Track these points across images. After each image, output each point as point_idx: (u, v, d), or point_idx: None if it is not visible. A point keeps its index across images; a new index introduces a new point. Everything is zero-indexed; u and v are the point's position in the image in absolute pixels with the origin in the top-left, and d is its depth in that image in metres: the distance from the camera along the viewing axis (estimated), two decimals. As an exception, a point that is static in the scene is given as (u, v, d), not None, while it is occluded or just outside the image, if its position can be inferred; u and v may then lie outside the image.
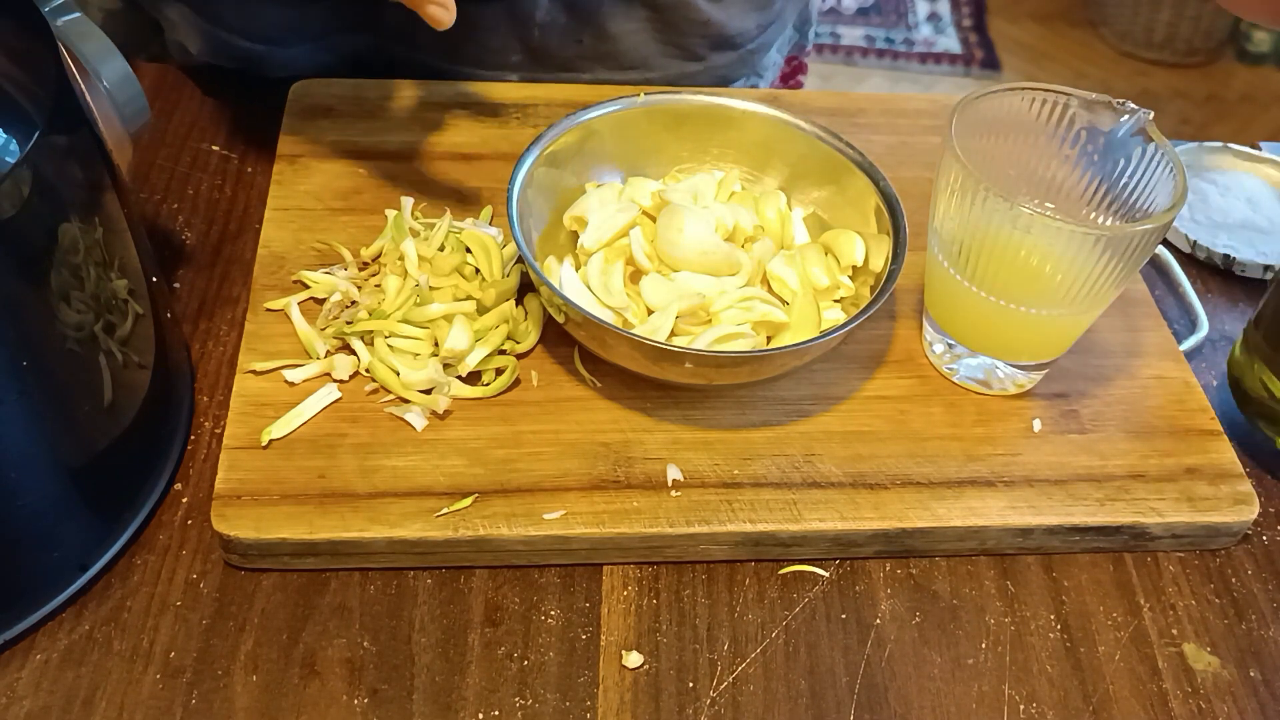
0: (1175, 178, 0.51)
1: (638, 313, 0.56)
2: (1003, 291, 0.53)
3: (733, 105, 0.62)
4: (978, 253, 0.52)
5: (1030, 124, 0.55)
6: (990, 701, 0.48)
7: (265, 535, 0.49)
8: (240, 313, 0.59)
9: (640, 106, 0.61)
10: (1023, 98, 0.55)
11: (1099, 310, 0.54)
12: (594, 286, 0.56)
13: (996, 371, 0.56)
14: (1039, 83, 0.54)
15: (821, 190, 0.61)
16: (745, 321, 0.55)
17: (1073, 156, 0.55)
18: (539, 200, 0.58)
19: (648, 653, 0.49)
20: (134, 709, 0.46)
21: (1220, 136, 0.83)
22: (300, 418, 0.53)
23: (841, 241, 0.58)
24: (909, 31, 2.49)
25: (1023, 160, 0.56)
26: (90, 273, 0.45)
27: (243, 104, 0.71)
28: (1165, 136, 0.53)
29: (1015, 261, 0.52)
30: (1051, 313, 0.53)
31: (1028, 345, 0.56)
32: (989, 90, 0.54)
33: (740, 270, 0.57)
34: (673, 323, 0.54)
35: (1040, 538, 0.53)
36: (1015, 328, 0.54)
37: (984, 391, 0.57)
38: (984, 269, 0.53)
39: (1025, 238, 0.51)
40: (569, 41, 0.72)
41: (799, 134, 0.61)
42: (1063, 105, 0.54)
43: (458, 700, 0.47)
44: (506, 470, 0.52)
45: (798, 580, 0.52)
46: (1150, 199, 0.53)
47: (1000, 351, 0.56)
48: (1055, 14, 2.55)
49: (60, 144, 0.43)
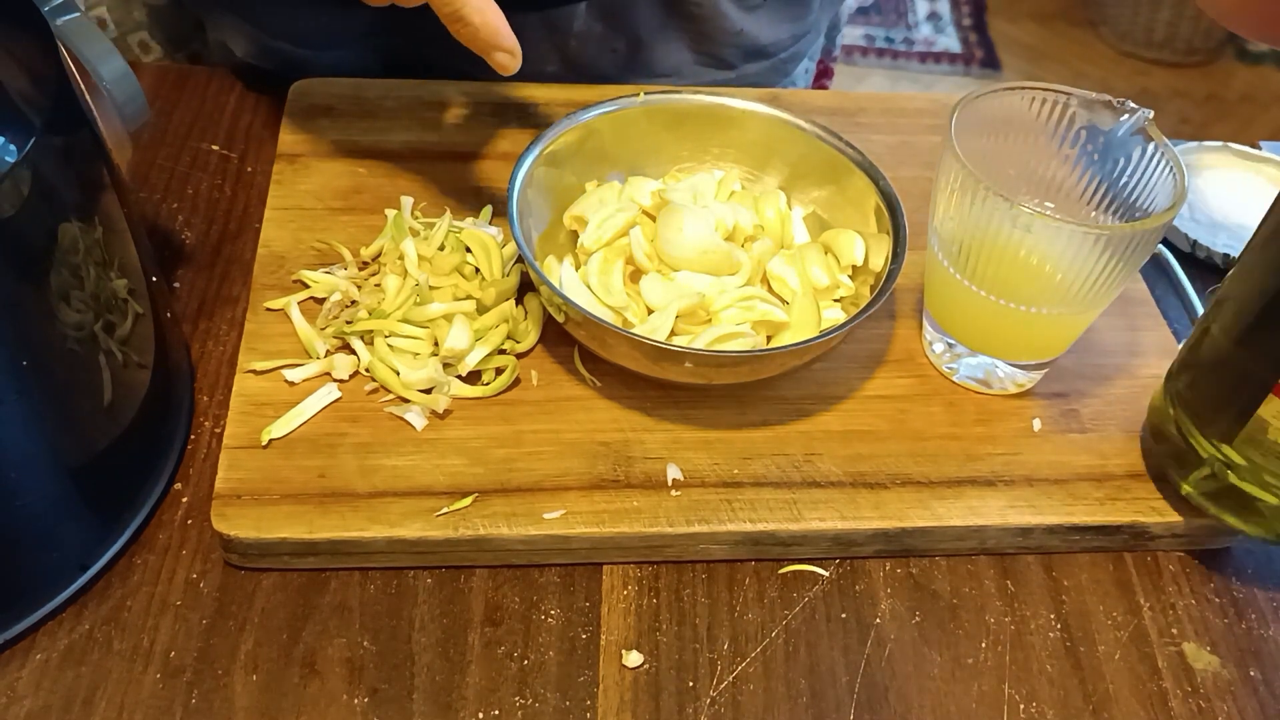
0: (1175, 177, 0.51)
1: (637, 312, 0.56)
2: (1002, 290, 0.53)
3: (732, 105, 0.62)
4: (977, 252, 0.52)
5: (1030, 123, 0.55)
6: (990, 701, 0.48)
7: (265, 535, 0.49)
8: (240, 312, 0.59)
9: (640, 106, 0.61)
10: (1022, 97, 0.55)
11: (1099, 309, 0.54)
12: (594, 286, 0.56)
13: (996, 371, 0.56)
14: (1039, 82, 0.54)
15: (821, 190, 0.61)
16: (745, 321, 0.55)
17: (1072, 156, 0.55)
18: (539, 200, 0.58)
19: (648, 652, 0.49)
20: (134, 709, 0.46)
21: (1220, 136, 0.83)
22: (300, 417, 0.53)
23: (841, 241, 0.58)
24: (909, 31, 2.49)
25: (1022, 159, 0.56)
26: (90, 272, 0.45)
27: (244, 104, 0.71)
28: (1165, 136, 0.53)
29: (1015, 260, 0.52)
30: (1051, 312, 0.53)
31: (1028, 344, 0.56)
32: (989, 90, 0.54)
33: (740, 270, 0.57)
34: (673, 322, 0.54)
35: (1040, 537, 0.53)
36: (1015, 327, 0.54)
37: (984, 391, 0.57)
38: (984, 268, 0.53)
39: (1025, 236, 0.51)
40: (604, 51, 0.72)
41: (799, 133, 0.61)
42: (1063, 104, 0.54)
43: (458, 700, 0.47)
44: (506, 470, 0.52)
45: (798, 580, 0.52)
46: (1150, 198, 0.53)
47: (1000, 351, 0.56)
48: (1055, 14, 2.55)
49: (60, 143, 0.43)
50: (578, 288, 0.56)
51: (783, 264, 0.58)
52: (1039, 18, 2.54)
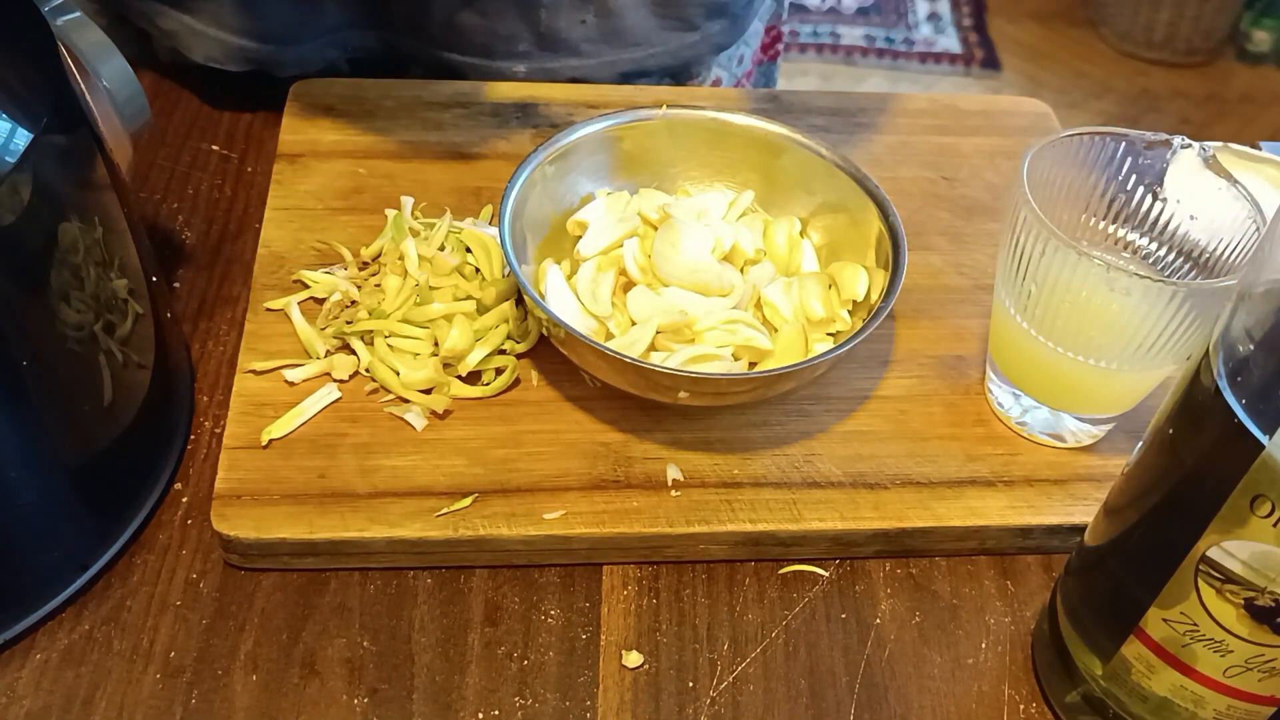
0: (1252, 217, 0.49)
1: (620, 324, 0.55)
2: (1075, 345, 0.51)
3: (755, 126, 0.60)
4: (1052, 306, 0.50)
5: (1086, 166, 0.53)
6: (990, 701, 0.48)
7: (265, 535, 0.49)
8: (240, 312, 0.59)
9: (661, 120, 0.60)
10: (1082, 142, 0.53)
11: (1169, 368, 0.52)
12: (581, 293, 0.55)
13: (1066, 423, 0.55)
14: (1098, 126, 0.53)
15: (835, 218, 0.60)
16: (727, 344, 0.54)
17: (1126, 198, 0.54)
18: (546, 202, 0.58)
19: (648, 652, 0.49)
20: (134, 709, 0.46)
21: (1220, 136, 0.83)
22: (300, 418, 0.53)
23: (846, 274, 0.56)
24: (909, 31, 2.49)
25: (1078, 204, 0.54)
26: (90, 272, 0.45)
27: (244, 104, 0.71)
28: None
29: (1093, 316, 0.50)
30: (1122, 367, 0.51)
31: (1095, 398, 0.54)
32: (1055, 137, 0.52)
33: (732, 292, 0.56)
34: (652, 337, 0.53)
35: (1040, 538, 0.53)
36: (1086, 380, 0.52)
37: (1058, 445, 0.56)
38: (1056, 321, 0.51)
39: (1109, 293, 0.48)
40: (574, 23, 0.72)
41: (820, 161, 0.59)
42: (1123, 146, 0.53)
43: (458, 700, 0.47)
44: (506, 470, 0.52)
45: (798, 580, 0.52)
46: (1217, 237, 0.51)
47: (1069, 404, 0.54)
48: (1055, 13, 2.55)
49: (60, 144, 0.43)
50: (563, 293, 0.55)
51: (779, 291, 0.56)
52: (1039, 18, 2.54)
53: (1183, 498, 0.40)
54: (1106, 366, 0.51)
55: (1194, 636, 0.40)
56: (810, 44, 2.44)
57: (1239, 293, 0.37)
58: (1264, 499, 0.36)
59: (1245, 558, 0.37)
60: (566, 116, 0.69)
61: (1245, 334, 0.37)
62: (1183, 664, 0.41)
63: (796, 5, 2.52)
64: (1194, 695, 0.42)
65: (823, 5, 2.54)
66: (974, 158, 0.70)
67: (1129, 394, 0.54)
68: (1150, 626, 0.41)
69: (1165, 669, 0.42)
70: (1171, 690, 0.42)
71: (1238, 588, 0.38)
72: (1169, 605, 0.40)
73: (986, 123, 0.73)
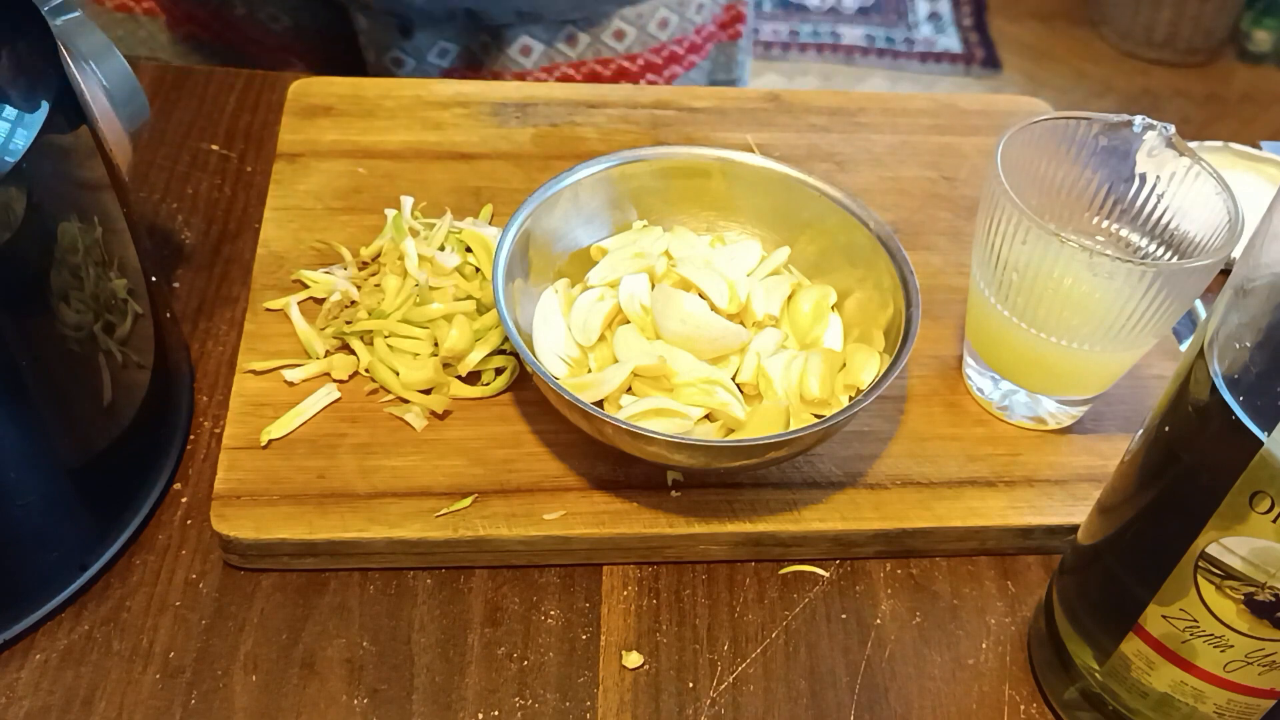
0: (1222, 199, 0.49)
1: (602, 358, 0.53)
2: (1053, 328, 0.51)
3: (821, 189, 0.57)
4: (1028, 290, 0.50)
5: (1053, 151, 0.54)
6: (991, 702, 0.48)
7: (265, 535, 0.49)
8: (240, 312, 0.59)
9: (715, 161, 0.58)
10: (1054, 126, 0.53)
11: (1148, 345, 0.53)
12: (573, 319, 0.54)
13: (1045, 406, 0.55)
14: (1071, 111, 0.53)
15: (869, 297, 0.56)
16: (699, 404, 0.51)
17: (1096, 180, 0.54)
18: (578, 220, 0.56)
19: (648, 653, 0.49)
20: (134, 709, 0.46)
21: (1220, 136, 0.83)
22: (300, 418, 0.53)
23: (859, 358, 0.53)
24: (909, 31, 2.49)
25: (1050, 188, 0.55)
26: (90, 272, 0.45)
27: (244, 104, 0.71)
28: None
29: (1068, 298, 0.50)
30: (1095, 348, 0.52)
31: (1075, 380, 0.54)
32: (1028, 122, 0.52)
33: (725, 359, 0.53)
34: (624, 377, 0.51)
35: (1040, 538, 0.53)
36: (1062, 362, 0.53)
37: (1038, 429, 0.56)
38: (1033, 305, 0.51)
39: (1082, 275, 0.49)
40: None
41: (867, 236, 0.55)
42: (1085, 127, 0.53)
43: (457, 700, 0.47)
44: (506, 470, 0.52)
45: (798, 580, 0.52)
46: (1186, 218, 0.51)
47: (1046, 386, 0.54)
48: (1056, 13, 2.55)
49: (60, 144, 0.43)
50: (553, 316, 0.54)
51: (780, 364, 0.53)
52: (1040, 17, 2.54)
53: (1180, 495, 0.40)
54: (1086, 349, 0.52)
55: (1194, 632, 0.40)
56: (810, 44, 2.44)
57: (1234, 288, 0.37)
58: (1263, 495, 0.36)
59: (1245, 553, 0.37)
60: (567, 117, 0.69)
61: (1241, 331, 0.37)
62: (1183, 660, 0.41)
63: (797, 5, 2.52)
64: (1194, 690, 0.42)
65: (823, 5, 2.54)
66: (974, 157, 0.70)
67: (1107, 374, 0.55)
68: (1150, 623, 0.41)
69: (1165, 665, 0.42)
70: (1171, 686, 0.42)
71: (1238, 583, 0.38)
72: (1168, 602, 0.40)
73: (987, 122, 0.73)
